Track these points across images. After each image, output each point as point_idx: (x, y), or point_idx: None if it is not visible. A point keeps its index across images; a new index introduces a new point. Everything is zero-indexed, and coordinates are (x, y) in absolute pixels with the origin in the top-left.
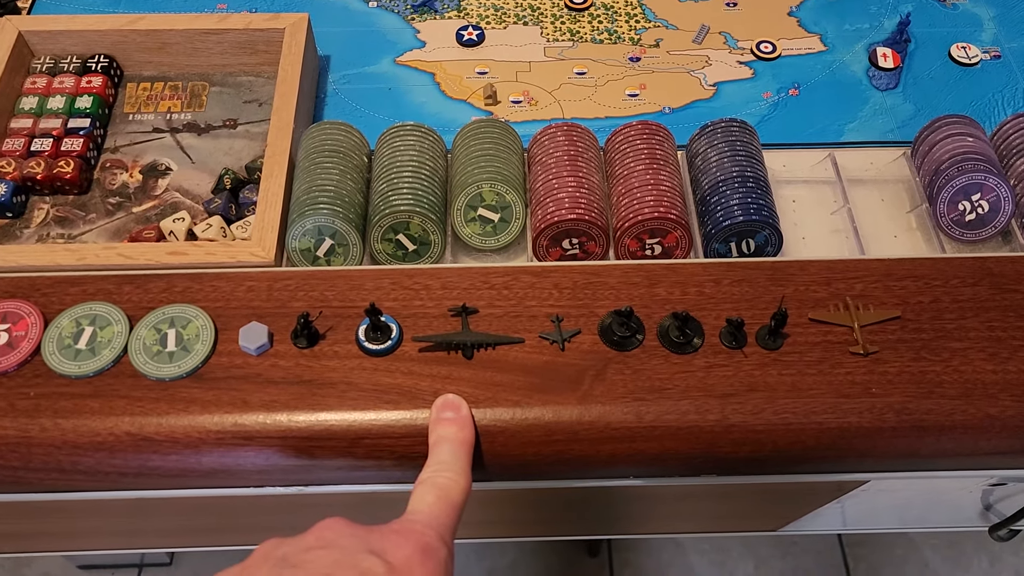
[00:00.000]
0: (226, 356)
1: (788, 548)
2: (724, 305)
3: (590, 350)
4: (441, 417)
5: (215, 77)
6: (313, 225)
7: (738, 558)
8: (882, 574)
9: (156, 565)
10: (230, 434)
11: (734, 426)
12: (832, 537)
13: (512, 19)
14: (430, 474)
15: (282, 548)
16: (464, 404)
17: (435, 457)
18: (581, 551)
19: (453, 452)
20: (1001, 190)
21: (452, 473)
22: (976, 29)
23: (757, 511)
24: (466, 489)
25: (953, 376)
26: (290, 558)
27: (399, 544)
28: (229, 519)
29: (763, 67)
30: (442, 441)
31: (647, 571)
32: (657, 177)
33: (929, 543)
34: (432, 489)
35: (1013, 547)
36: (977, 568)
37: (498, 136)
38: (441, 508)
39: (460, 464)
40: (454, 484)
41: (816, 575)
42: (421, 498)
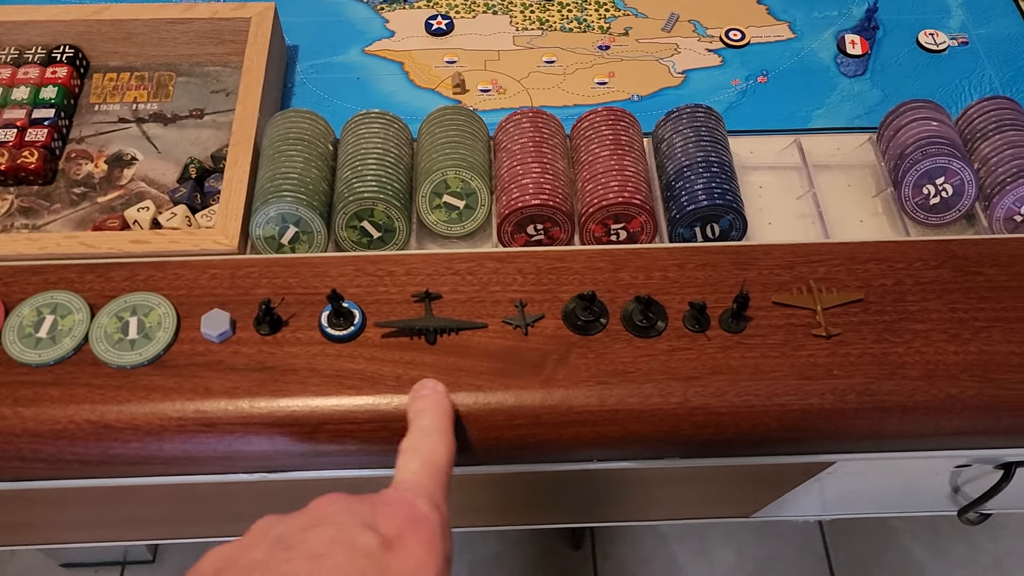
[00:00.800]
0: (188, 343)
1: (769, 537)
2: (688, 289)
3: (553, 335)
4: (419, 394)
5: (182, 67)
6: (276, 212)
7: (719, 547)
8: (862, 562)
9: (139, 563)
10: (191, 421)
11: (697, 408)
12: (813, 526)
13: (482, 8)
14: (412, 441)
15: (278, 527)
16: (441, 384)
17: (415, 425)
18: (564, 543)
19: (433, 420)
20: (965, 174)
21: (433, 437)
22: (944, 16)
23: (729, 496)
24: (450, 450)
25: (915, 357)
26: (286, 538)
27: (391, 516)
28: (210, 508)
29: (732, 55)
30: (421, 412)
31: (629, 562)
32: (622, 163)
33: (909, 531)
34: (415, 456)
35: (991, 533)
36: (956, 555)
37: (463, 123)
38: (426, 473)
39: (441, 428)
40: (436, 447)
41: (797, 564)
42: (405, 466)
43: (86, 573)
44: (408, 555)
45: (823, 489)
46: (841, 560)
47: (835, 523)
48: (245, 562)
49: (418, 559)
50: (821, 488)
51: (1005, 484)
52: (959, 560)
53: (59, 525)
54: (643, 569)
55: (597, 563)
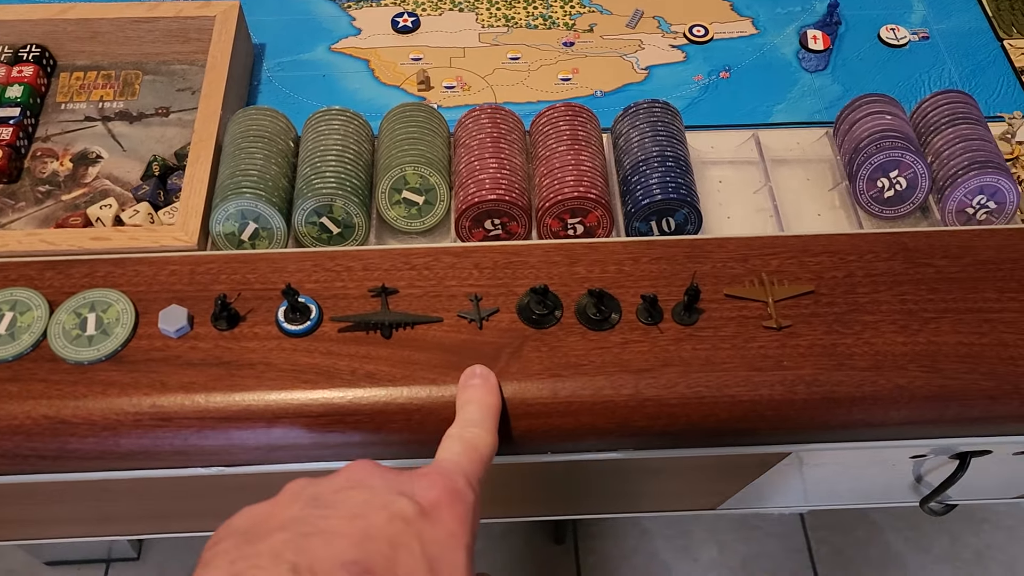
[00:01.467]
0: (146, 339)
1: (751, 532)
2: (642, 282)
3: (508, 328)
4: (468, 383)
5: (149, 66)
6: (236, 209)
7: (702, 543)
8: (845, 556)
9: (123, 560)
10: (147, 416)
11: (648, 400)
12: (795, 520)
13: (448, 5)
14: (457, 430)
15: (312, 487)
16: (492, 374)
17: (462, 416)
18: (547, 538)
19: (480, 412)
20: (918, 167)
21: (479, 429)
22: (906, 11)
23: (691, 489)
24: (492, 446)
25: (864, 348)
26: (321, 498)
27: (428, 487)
28: (193, 504)
29: (695, 50)
30: (469, 403)
31: (612, 557)
32: (578, 158)
33: (891, 525)
34: (459, 441)
35: (973, 528)
36: (938, 549)
37: (423, 120)
38: (468, 458)
39: (487, 423)
40: (481, 439)
41: (780, 559)
42: (448, 448)
43: (70, 571)
44: (441, 525)
45: (784, 480)
46: (823, 555)
47: (817, 518)
48: (281, 518)
49: (450, 530)
50: (782, 479)
51: (961, 474)
52: (941, 554)
53: (36, 521)
54: (625, 564)
55: (579, 557)
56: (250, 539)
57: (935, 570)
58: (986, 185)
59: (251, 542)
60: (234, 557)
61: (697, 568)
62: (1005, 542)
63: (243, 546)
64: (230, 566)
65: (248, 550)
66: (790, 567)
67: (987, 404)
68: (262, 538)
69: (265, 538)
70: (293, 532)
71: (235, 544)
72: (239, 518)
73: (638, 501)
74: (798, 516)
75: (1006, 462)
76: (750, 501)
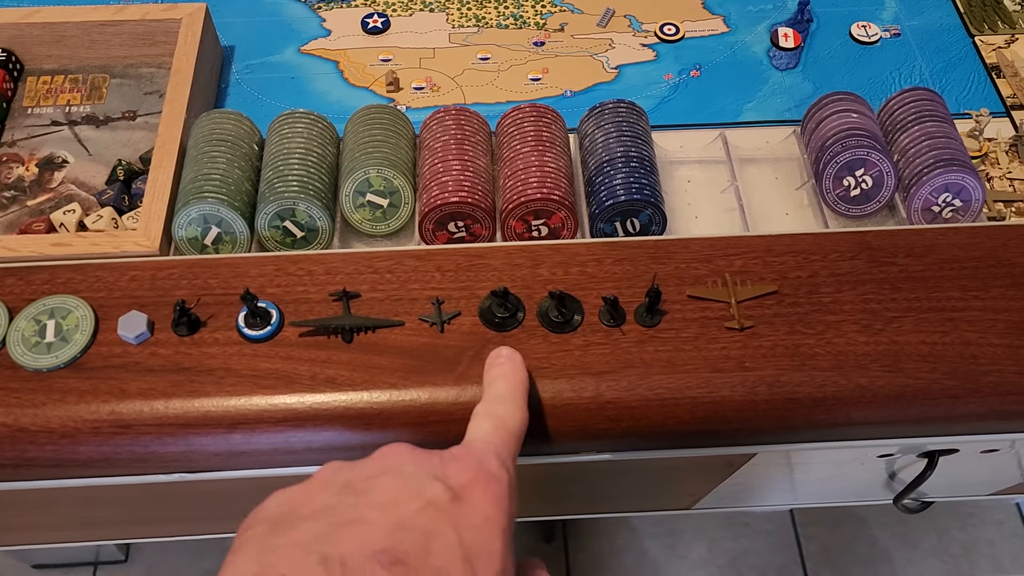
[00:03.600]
0: (106, 346)
1: (740, 530)
2: (606, 284)
3: (469, 331)
4: (495, 363)
5: (116, 69)
6: (198, 213)
7: (691, 541)
8: (833, 553)
9: (111, 563)
10: (106, 423)
11: (609, 403)
12: (784, 517)
13: (419, 6)
14: (485, 406)
15: (344, 473)
16: (518, 353)
17: (490, 392)
18: (537, 537)
19: (508, 387)
20: (884, 165)
21: (508, 405)
22: (878, 7)
23: (662, 490)
24: (523, 420)
25: (826, 348)
26: (353, 484)
27: (461, 470)
28: (179, 508)
29: (666, 49)
30: (497, 379)
31: (601, 555)
32: (542, 159)
33: (879, 521)
34: (489, 418)
35: (960, 523)
36: (926, 544)
37: (387, 122)
38: (499, 436)
39: (516, 398)
40: (510, 415)
41: (768, 556)
42: (478, 426)
43: (57, 574)
44: (475, 509)
45: (758, 481)
46: (812, 551)
47: (806, 515)
48: (312, 506)
49: (485, 513)
50: (756, 480)
51: (930, 473)
52: (929, 549)
53: (19, 528)
54: (614, 562)
55: (569, 556)
56: (280, 528)
57: (923, 565)
58: (951, 183)
59: (281, 531)
60: (263, 547)
61: (686, 566)
62: (992, 536)
63: (273, 535)
64: (259, 556)
65: (277, 540)
66: (779, 564)
67: (949, 404)
68: (292, 527)
69: (295, 527)
70: (323, 522)
71: (265, 532)
72: (271, 503)
73: (609, 503)
74: (787, 513)
75: (978, 460)
76: (725, 500)
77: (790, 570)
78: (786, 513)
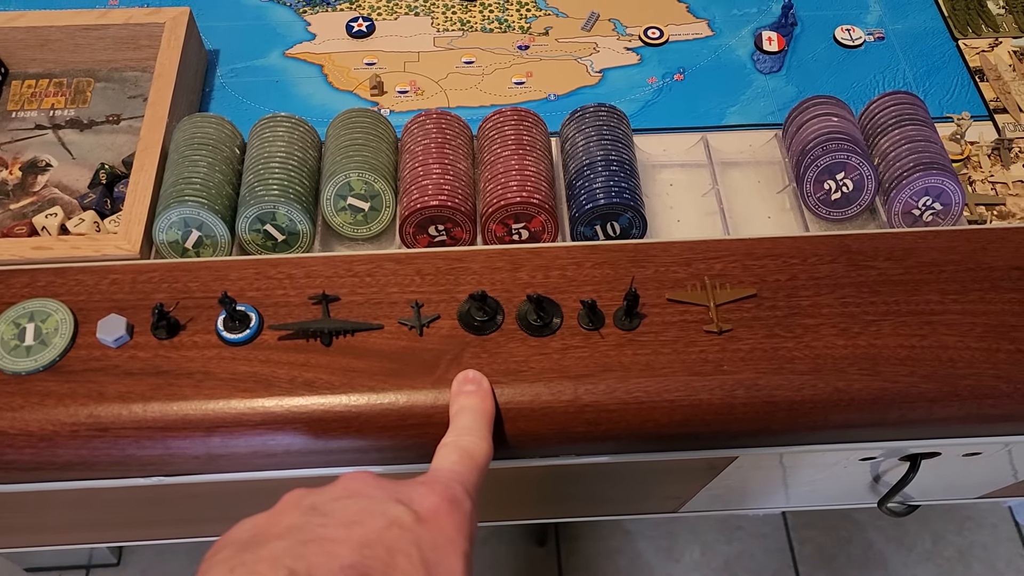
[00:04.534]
0: (85, 349)
1: (734, 533)
2: (585, 287)
3: (448, 335)
4: (462, 390)
5: (100, 73)
6: (179, 217)
7: (684, 544)
8: (827, 556)
9: (104, 566)
10: (84, 426)
11: (587, 406)
12: (778, 520)
13: (404, 10)
14: (452, 438)
15: (310, 497)
16: (484, 379)
17: (456, 423)
18: (529, 541)
19: (474, 419)
20: (864, 169)
21: (474, 437)
22: (862, 11)
23: (647, 493)
24: (488, 453)
25: (804, 352)
26: (319, 507)
27: (426, 494)
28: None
29: (650, 53)
30: (463, 410)
31: (594, 558)
32: (522, 162)
33: (874, 524)
34: (455, 449)
35: (956, 525)
36: (920, 548)
37: (368, 125)
38: (464, 466)
39: (481, 430)
40: (476, 447)
41: (762, 559)
42: (445, 456)
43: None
44: (439, 531)
45: (745, 483)
46: (805, 554)
47: (799, 517)
48: (278, 528)
49: (448, 536)
50: (742, 482)
51: (912, 475)
52: (923, 553)
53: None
54: (608, 565)
55: (561, 559)
56: (249, 547)
57: (917, 569)
58: (931, 186)
59: (250, 550)
60: (233, 565)
61: (679, 569)
62: (987, 540)
63: (241, 554)
64: (229, 573)
65: (246, 557)
66: (772, 567)
67: (927, 407)
68: (261, 545)
69: (264, 545)
70: (291, 540)
71: (234, 552)
72: (238, 529)
73: (591, 506)
74: (781, 516)
75: (962, 463)
76: (712, 503)
77: (784, 573)
78: (780, 516)
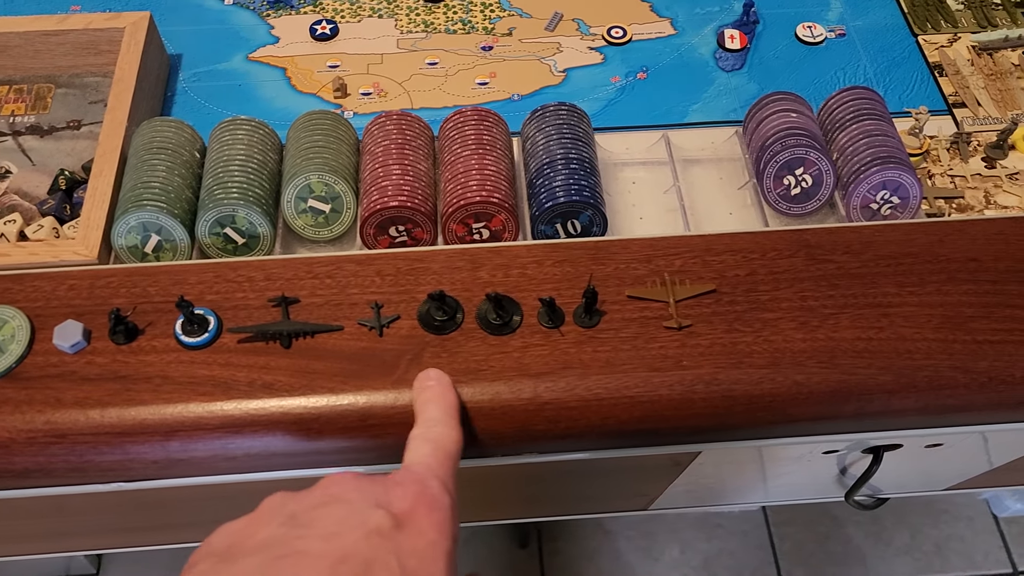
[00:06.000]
0: (42, 355)
1: (713, 531)
2: (545, 285)
3: (408, 335)
4: (424, 386)
5: (61, 79)
6: (137, 222)
7: (664, 543)
8: (806, 552)
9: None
10: (41, 433)
11: (547, 404)
12: (758, 517)
13: (367, 12)
14: (421, 430)
15: (289, 505)
16: (445, 375)
17: (423, 415)
18: (511, 542)
19: (439, 409)
20: (822, 164)
21: (441, 427)
22: (823, 8)
23: (614, 491)
24: (458, 441)
25: (763, 346)
26: (298, 516)
27: (403, 496)
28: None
29: (613, 52)
30: (427, 402)
31: (576, 559)
32: (482, 162)
33: (852, 519)
34: (426, 442)
35: (932, 519)
36: (899, 542)
37: (329, 127)
38: (437, 458)
39: (449, 419)
40: (446, 436)
41: (742, 556)
42: (416, 450)
43: None
44: (419, 534)
45: (713, 479)
46: (786, 550)
47: (779, 514)
48: (257, 539)
49: (429, 538)
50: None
51: (875, 468)
52: (901, 547)
53: None
54: (589, 566)
55: (543, 559)
56: (225, 561)
57: (896, 563)
58: (888, 180)
59: (225, 563)
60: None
61: (660, 568)
62: (964, 533)
63: (218, 568)
64: None
65: (222, 571)
66: (752, 564)
67: (885, 399)
68: (236, 560)
69: (240, 560)
70: (267, 555)
71: (211, 566)
72: (216, 537)
73: (562, 505)
74: (760, 513)
75: (926, 455)
76: (683, 500)
77: (764, 570)
78: (759, 513)
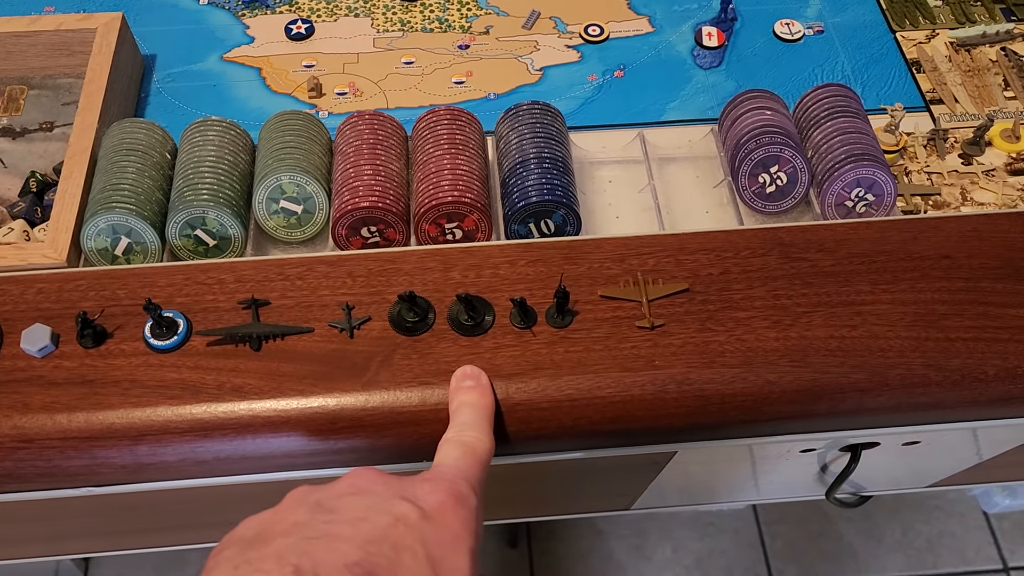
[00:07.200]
0: (9, 360)
1: (705, 529)
2: (518, 286)
3: (379, 336)
4: (461, 386)
5: (34, 80)
6: (107, 224)
7: (656, 542)
8: (798, 550)
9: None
10: (8, 438)
11: (519, 405)
12: (749, 515)
13: (343, 11)
14: (454, 434)
15: (315, 494)
16: (483, 374)
17: (457, 419)
18: (500, 542)
19: (475, 414)
20: (797, 161)
21: (475, 432)
22: (802, 5)
23: (593, 490)
24: (490, 449)
25: (736, 345)
26: (324, 503)
27: (431, 491)
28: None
29: (591, 50)
30: (463, 406)
31: (566, 559)
32: (455, 162)
33: (844, 516)
34: (458, 446)
35: (924, 516)
36: (891, 538)
37: (300, 127)
38: (468, 462)
39: (482, 425)
40: (478, 442)
41: (734, 555)
42: (448, 453)
43: None
44: (445, 527)
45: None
46: (777, 548)
47: (771, 513)
48: (287, 523)
49: (455, 532)
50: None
51: (854, 466)
52: (893, 544)
53: None
54: (580, 566)
55: (533, 560)
56: (253, 544)
57: (888, 560)
58: (863, 177)
59: (254, 547)
60: (237, 562)
61: (651, 567)
62: (955, 529)
63: (246, 551)
64: (233, 571)
65: (251, 554)
66: (744, 563)
67: (858, 397)
68: (265, 543)
69: (269, 543)
70: (296, 536)
71: (238, 550)
72: (243, 527)
73: (543, 505)
74: (751, 511)
75: (904, 452)
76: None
77: (756, 569)
78: (750, 512)
